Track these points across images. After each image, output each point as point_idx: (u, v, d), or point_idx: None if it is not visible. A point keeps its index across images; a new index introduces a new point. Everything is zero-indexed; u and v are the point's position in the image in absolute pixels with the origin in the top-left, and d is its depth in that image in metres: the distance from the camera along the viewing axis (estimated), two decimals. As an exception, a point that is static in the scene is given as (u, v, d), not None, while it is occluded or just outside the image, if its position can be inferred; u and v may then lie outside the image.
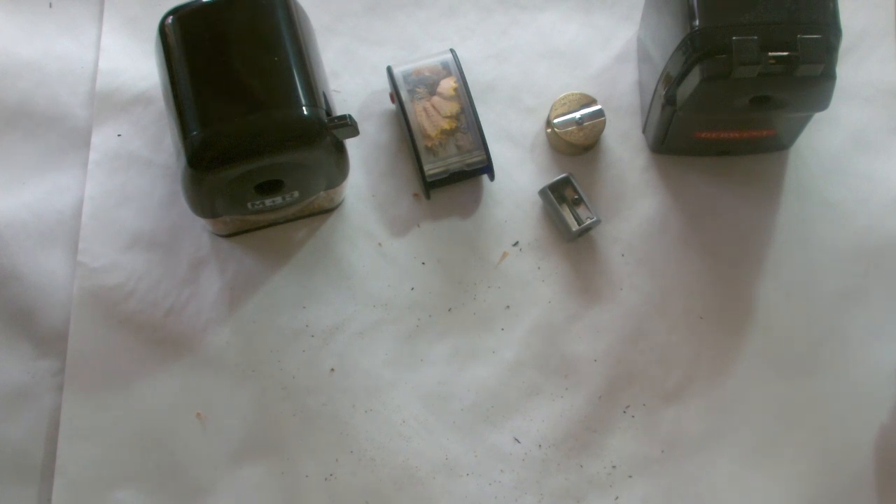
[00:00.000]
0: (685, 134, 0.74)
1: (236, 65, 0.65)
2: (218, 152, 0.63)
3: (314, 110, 0.64)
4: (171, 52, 0.66)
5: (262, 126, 0.63)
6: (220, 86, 0.64)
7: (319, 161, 0.66)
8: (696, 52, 0.66)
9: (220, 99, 0.64)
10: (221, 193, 0.66)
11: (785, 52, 0.64)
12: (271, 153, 0.64)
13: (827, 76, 0.65)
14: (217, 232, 0.74)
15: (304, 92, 0.65)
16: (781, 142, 0.76)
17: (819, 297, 0.75)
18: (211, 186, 0.65)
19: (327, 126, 0.64)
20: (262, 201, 0.68)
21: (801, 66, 0.64)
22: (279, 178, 0.66)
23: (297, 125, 0.64)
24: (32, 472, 0.71)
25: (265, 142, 0.63)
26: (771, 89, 0.66)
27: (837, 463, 0.71)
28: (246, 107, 0.63)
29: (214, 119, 0.63)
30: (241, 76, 0.64)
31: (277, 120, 0.64)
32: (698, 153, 0.78)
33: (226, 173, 0.64)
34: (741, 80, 0.65)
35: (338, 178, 0.70)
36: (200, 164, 0.63)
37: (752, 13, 0.66)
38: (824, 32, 0.65)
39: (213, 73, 0.65)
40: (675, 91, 0.69)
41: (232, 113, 0.63)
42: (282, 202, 0.69)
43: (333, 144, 0.66)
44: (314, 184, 0.69)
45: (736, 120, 0.72)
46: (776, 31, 0.65)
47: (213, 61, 0.65)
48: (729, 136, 0.74)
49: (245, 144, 0.63)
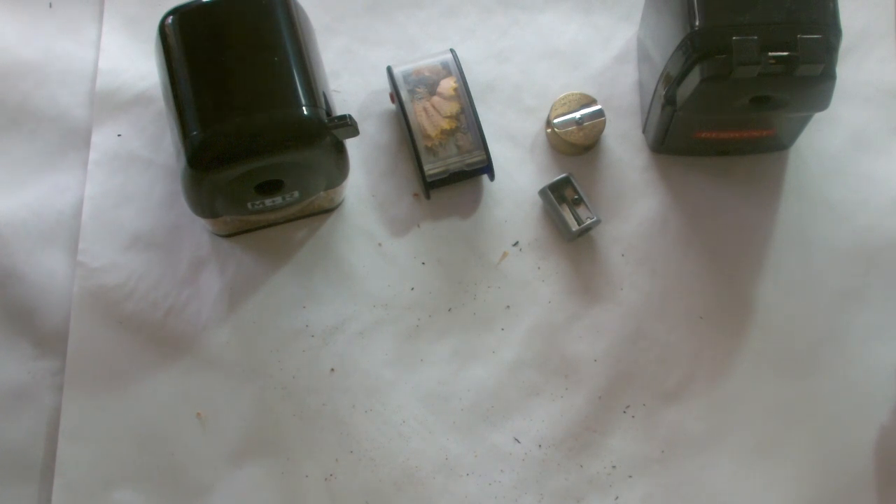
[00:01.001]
0: (685, 134, 0.74)
1: (236, 65, 0.65)
2: (218, 152, 0.63)
3: (314, 110, 0.64)
4: (171, 52, 0.66)
5: (262, 126, 0.63)
6: (220, 86, 0.64)
7: (319, 161, 0.66)
8: (696, 52, 0.66)
9: (220, 99, 0.64)
10: (221, 193, 0.66)
11: (785, 52, 0.64)
12: (271, 153, 0.64)
13: (827, 76, 0.65)
14: (217, 232, 0.74)
15: (304, 92, 0.65)
16: (781, 142, 0.76)
17: (819, 297, 0.75)
18: (211, 186, 0.65)
19: (327, 126, 0.64)
20: (262, 201, 0.68)
21: (801, 66, 0.64)
22: (279, 178, 0.66)
23: (297, 125, 0.64)
24: (32, 472, 0.71)
25: (265, 142, 0.63)
26: (771, 89, 0.66)
27: (837, 463, 0.71)
28: (246, 107, 0.63)
29: (214, 119, 0.63)
30: (240, 76, 0.64)
31: (277, 120, 0.63)
32: (698, 153, 0.78)
33: (226, 173, 0.64)
34: (741, 80, 0.65)
35: (338, 178, 0.70)
36: (200, 163, 0.63)
37: (752, 13, 0.65)
38: (824, 32, 0.65)
39: (213, 73, 0.64)
40: (675, 91, 0.69)
41: (232, 113, 0.63)
42: (282, 202, 0.69)
43: (333, 144, 0.66)
44: (314, 184, 0.69)
45: (736, 120, 0.72)
46: (776, 31, 0.65)
47: (212, 61, 0.65)
48: (729, 136, 0.74)
49: (245, 144, 0.63)
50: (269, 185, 0.67)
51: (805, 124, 0.74)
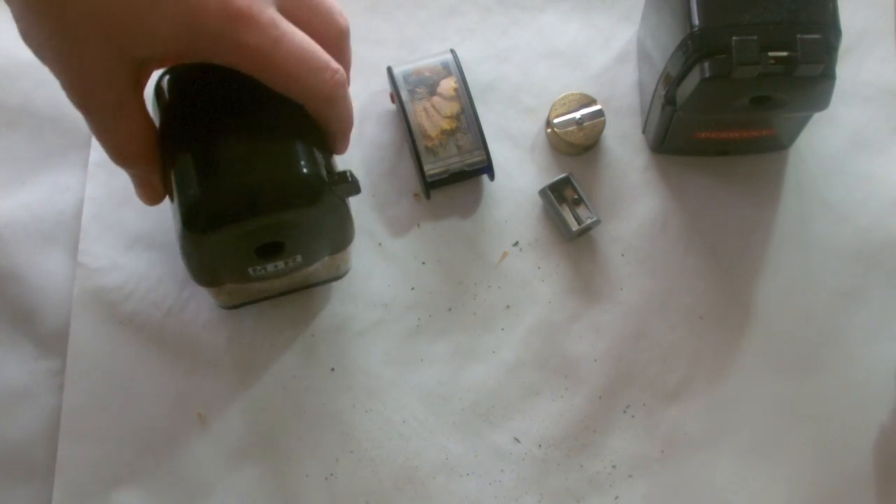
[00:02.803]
0: (685, 134, 0.74)
1: (234, 122, 0.63)
2: (214, 212, 0.61)
3: (313, 167, 0.63)
4: (167, 110, 0.65)
5: (259, 184, 0.62)
6: (218, 144, 0.63)
7: (321, 221, 0.65)
8: (696, 52, 0.66)
9: (216, 158, 0.62)
10: (220, 257, 0.65)
11: (785, 52, 0.64)
12: (270, 212, 0.62)
13: (826, 76, 0.65)
14: (222, 304, 0.73)
15: (304, 149, 0.63)
16: (781, 142, 0.76)
17: (819, 296, 0.75)
18: (210, 249, 0.63)
19: (327, 183, 0.63)
20: (264, 266, 0.66)
21: (800, 66, 0.64)
22: (280, 240, 0.65)
23: (296, 183, 0.62)
24: (32, 472, 0.71)
25: (264, 201, 0.62)
26: (771, 89, 0.66)
27: (837, 463, 0.71)
28: (244, 166, 0.62)
29: (211, 179, 0.62)
30: (238, 134, 0.63)
31: (275, 178, 0.62)
32: (698, 153, 0.78)
33: (224, 233, 0.62)
34: (741, 80, 0.65)
35: (342, 241, 0.69)
36: (197, 225, 0.61)
37: (751, 13, 0.65)
38: (824, 32, 0.65)
39: (210, 131, 0.63)
40: (675, 91, 0.69)
41: (229, 172, 0.62)
42: (284, 267, 0.67)
43: (335, 203, 0.64)
44: (317, 247, 0.67)
45: (736, 120, 0.72)
46: (776, 31, 0.65)
47: (209, 120, 0.64)
48: (729, 136, 0.74)
49: (242, 203, 0.62)
50: (269, 248, 0.65)
51: (805, 124, 0.74)
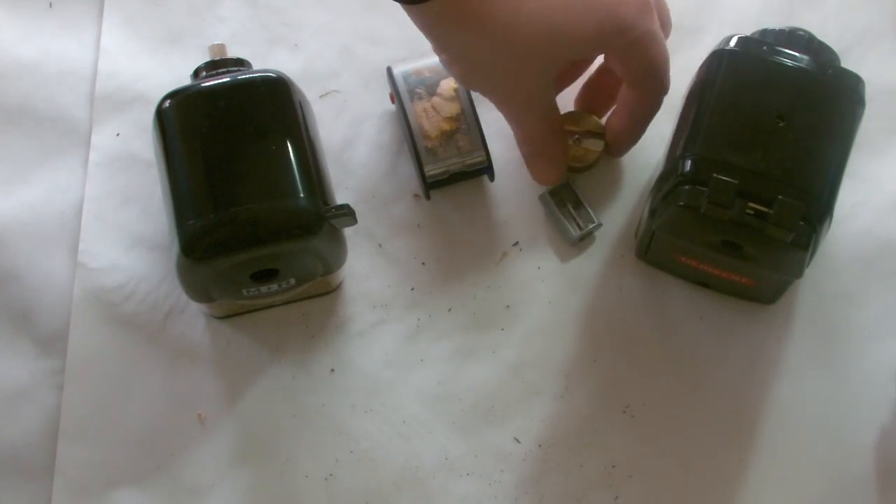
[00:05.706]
0: (667, 252, 0.71)
1: (234, 153, 0.64)
2: (212, 242, 0.62)
3: (312, 200, 0.63)
4: (168, 137, 0.65)
5: (258, 216, 0.62)
6: (217, 174, 0.63)
7: (316, 250, 0.66)
8: (681, 176, 0.64)
9: (215, 187, 0.63)
10: (216, 281, 0.65)
11: (763, 207, 0.62)
12: (267, 244, 0.63)
13: (797, 245, 0.62)
14: (213, 314, 0.73)
15: (302, 181, 0.64)
16: (760, 295, 0.73)
17: (819, 297, 0.75)
18: (206, 275, 0.64)
19: (325, 216, 0.63)
20: (258, 288, 0.67)
21: (770, 227, 0.62)
22: (275, 267, 0.66)
23: (295, 216, 0.63)
24: (32, 472, 0.71)
25: (262, 232, 0.62)
26: (742, 239, 0.64)
27: (837, 463, 0.71)
28: (242, 196, 0.63)
29: (210, 208, 0.63)
30: (238, 165, 0.63)
31: (274, 210, 0.63)
32: (678, 276, 0.74)
33: (220, 262, 0.63)
34: (713, 219, 0.63)
35: (334, 264, 0.69)
36: (195, 253, 0.62)
37: (749, 157, 0.63)
38: (807, 202, 0.62)
39: (210, 160, 0.64)
40: (658, 205, 0.67)
41: (228, 202, 0.62)
42: (278, 289, 0.69)
43: (330, 233, 0.65)
44: (310, 271, 0.68)
45: (711, 258, 0.68)
46: (763, 183, 0.62)
47: (210, 148, 0.64)
48: (708, 270, 0.71)
49: (241, 235, 0.62)
50: (265, 272, 0.66)
51: (785, 289, 0.71)
